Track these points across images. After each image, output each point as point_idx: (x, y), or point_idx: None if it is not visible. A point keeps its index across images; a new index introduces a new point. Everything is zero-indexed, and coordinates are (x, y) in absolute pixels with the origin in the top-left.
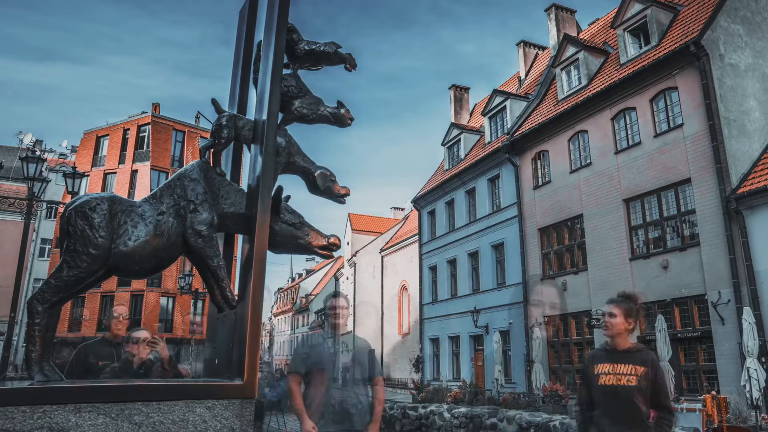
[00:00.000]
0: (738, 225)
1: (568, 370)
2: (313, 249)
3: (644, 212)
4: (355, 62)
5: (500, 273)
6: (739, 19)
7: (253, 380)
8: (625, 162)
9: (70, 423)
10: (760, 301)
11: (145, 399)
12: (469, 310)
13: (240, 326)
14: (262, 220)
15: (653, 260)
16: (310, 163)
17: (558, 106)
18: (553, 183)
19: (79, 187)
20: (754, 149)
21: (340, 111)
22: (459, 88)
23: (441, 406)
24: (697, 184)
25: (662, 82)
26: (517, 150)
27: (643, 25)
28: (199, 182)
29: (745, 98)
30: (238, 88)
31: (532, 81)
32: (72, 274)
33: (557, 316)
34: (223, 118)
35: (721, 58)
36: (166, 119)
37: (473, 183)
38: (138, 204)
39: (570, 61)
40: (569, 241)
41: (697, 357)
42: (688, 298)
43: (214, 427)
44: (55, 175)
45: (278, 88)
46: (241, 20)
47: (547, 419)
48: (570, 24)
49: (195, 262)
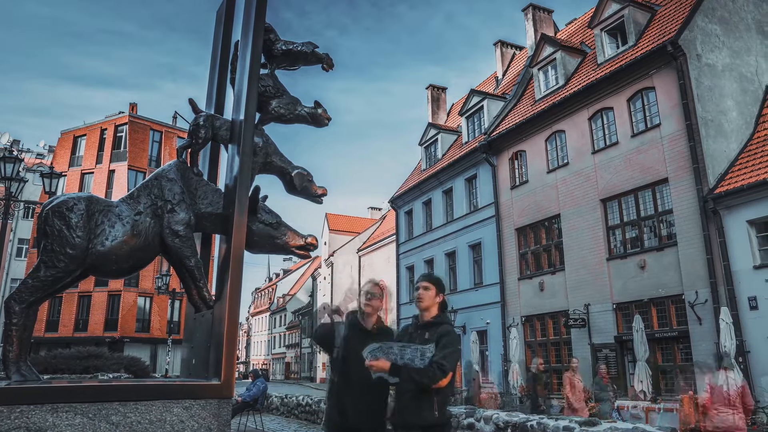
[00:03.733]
0: (715, 225)
1: (545, 370)
2: (290, 249)
3: (621, 212)
4: (332, 62)
5: (477, 273)
6: (717, 19)
7: (230, 380)
8: (603, 162)
9: (47, 423)
10: (737, 301)
11: (122, 399)
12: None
13: (217, 326)
14: (239, 220)
15: (630, 260)
16: (287, 163)
17: (535, 106)
18: (531, 183)
19: (56, 187)
20: (732, 149)
21: (318, 111)
22: (436, 88)
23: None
24: (675, 184)
25: (639, 82)
26: (494, 150)
27: (620, 25)
28: (176, 182)
29: (723, 98)
30: (215, 88)
31: (509, 81)
32: (49, 274)
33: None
34: (200, 118)
35: (698, 58)
36: (144, 119)
37: (450, 183)
38: (115, 204)
39: (547, 61)
40: (546, 241)
41: (674, 357)
42: (666, 298)
43: (191, 426)
44: (32, 175)
45: (255, 89)
46: (218, 21)
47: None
48: (547, 24)
49: (172, 262)
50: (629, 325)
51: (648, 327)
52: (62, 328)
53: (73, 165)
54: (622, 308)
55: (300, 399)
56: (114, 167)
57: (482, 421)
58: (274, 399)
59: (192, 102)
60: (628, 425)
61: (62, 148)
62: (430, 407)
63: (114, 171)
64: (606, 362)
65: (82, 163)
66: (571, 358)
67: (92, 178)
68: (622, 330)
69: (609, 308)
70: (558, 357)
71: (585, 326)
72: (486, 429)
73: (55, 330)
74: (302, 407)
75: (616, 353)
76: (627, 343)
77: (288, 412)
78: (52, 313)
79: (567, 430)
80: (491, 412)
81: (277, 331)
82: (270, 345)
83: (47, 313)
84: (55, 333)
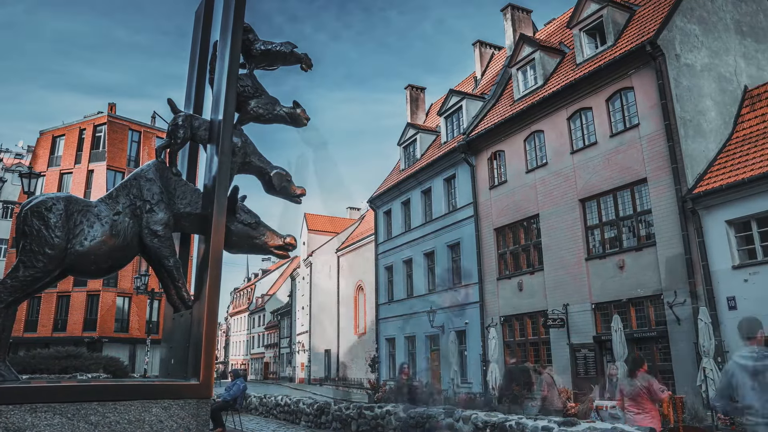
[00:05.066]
0: (694, 225)
1: (524, 369)
2: (269, 249)
3: (600, 212)
4: (311, 62)
5: (456, 273)
6: (696, 19)
7: (209, 380)
8: (581, 162)
9: (26, 423)
10: (716, 301)
11: (101, 399)
12: (425, 310)
13: (196, 326)
14: (218, 220)
15: (609, 260)
16: (266, 163)
17: (514, 106)
18: (509, 183)
19: (35, 187)
20: (710, 149)
21: (296, 111)
22: (415, 88)
23: (397, 406)
24: (653, 184)
25: (618, 82)
26: (473, 150)
27: (599, 25)
28: (155, 182)
29: (701, 98)
30: (194, 87)
31: (488, 81)
32: (28, 274)
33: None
34: (179, 118)
35: (677, 58)
36: (122, 119)
37: (429, 183)
38: (94, 204)
39: (526, 61)
40: (525, 240)
41: (653, 357)
42: (644, 298)
43: (170, 426)
44: (11, 175)
45: (234, 89)
46: (197, 21)
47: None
48: (526, 24)
49: (151, 262)
50: (608, 325)
51: (627, 327)
52: (41, 328)
53: (52, 165)
54: (600, 308)
55: (279, 399)
56: (93, 167)
57: (461, 421)
58: (253, 399)
59: (171, 102)
60: (607, 425)
61: (41, 148)
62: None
63: (93, 171)
64: (585, 362)
65: (60, 163)
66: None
67: (71, 178)
68: (601, 330)
69: (588, 308)
70: (537, 357)
71: (564, 326)
72: (465, 429)
73: (34, 330)
74: (281, 407)
75: (595, 353)
76: (606, 343)
77: (267, 412)
78: (31, 312)
79: (546, 430)
80: (470, 412)
81: (255, 331)
82: (249, 345)
83: (26, 312)
84: (34, 333)
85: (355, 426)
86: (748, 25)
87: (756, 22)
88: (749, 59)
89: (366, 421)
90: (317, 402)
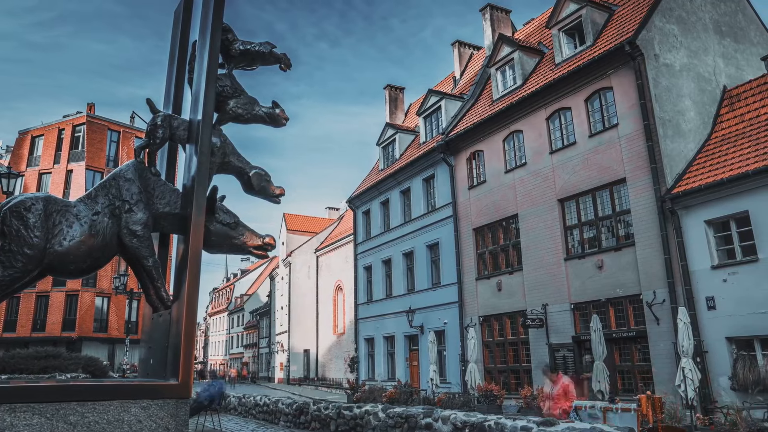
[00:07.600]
0: (673, 225)
1: (503, 370)
2: (248, 249)
3: (579, 212)
4: (290, 62)
5: (435, 273)
6: (674, 19)
7: (188, 380)
8: (560, 162)
9: (5, 423)
10: (695, 301)
11: (80, 399)
12: (404, 310)
13: (175, 326)
14: (196, 220)
15: (588, 260)
16: (245, 163)
17: (493, 106)
18: (488, 183)
19: (14, 187)
20: (689, 149)
21: (275, 111)
22: (394, 88)
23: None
24: (632, 184)
25: (597, 82)
26: (452, 150)
27: (578, 25)
28: (134, 182)
29: (680, 98)
30: (173, 87)
31: (467, 81)
32: (7, 274)
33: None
34: (158, 118)
35: (656, 57)
36: (101, 119)
37: (408, 183)
38: (73, 204)
39: (505, 61)
40: (504, 240)
41: (632, 357)
42: (623, 297)
43: (149, 426)
44: None
45: (213, 88)
46: (176, 20)
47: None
48: (505, 24)
49: (130, 262)
50: (587, 325)
51: (606, 327)
52: (20, 328)
53: (30, 165)
54: (579, 308)
55: (258, 399)
56: (72, 167)
57: (440, 421)
58: (231, 399)
59: (150, 102)
60: (586, 425)
61: (20, 148)
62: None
63: (72, 171)
64: (564, 362)
65: (39, 163)
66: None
67: (50, 178)
68: (580, 330)
69: (567, 308)
70: (516, 357)
71: (543, 326)
72: (444, 429)
73: (13, 330)
74: (260, 407)
75: (574, 353)
76: (585, 343)
77: (246, 412)
78: (10, 313)
79: (525, 429)
80: (449, 412)
81: (235, 331)
82: (228, 345)
83: (5, 313)
84: (13, 333)
85: (334, 426)
86: (727, 25)
87: (735, 22)
88: (728, 59)
89: (345, 420)
90: (296, 402)
